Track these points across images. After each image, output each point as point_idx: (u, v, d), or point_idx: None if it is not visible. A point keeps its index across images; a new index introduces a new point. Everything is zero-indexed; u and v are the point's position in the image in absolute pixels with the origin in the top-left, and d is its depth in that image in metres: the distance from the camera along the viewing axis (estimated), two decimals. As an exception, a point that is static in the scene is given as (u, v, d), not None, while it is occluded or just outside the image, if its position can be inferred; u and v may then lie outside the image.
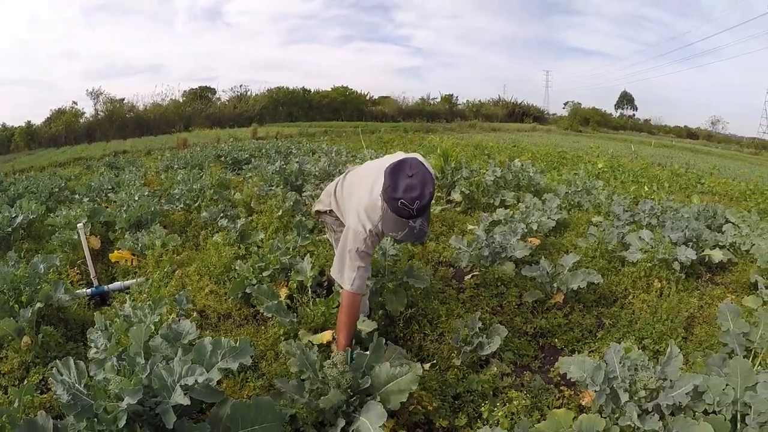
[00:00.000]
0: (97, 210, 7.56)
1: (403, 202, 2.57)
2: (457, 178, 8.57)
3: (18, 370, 3.83)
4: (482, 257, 5.10)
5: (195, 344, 2.50)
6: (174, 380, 2.23)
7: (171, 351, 2.63)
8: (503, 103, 60.13)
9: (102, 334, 2.93)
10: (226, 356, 2.38)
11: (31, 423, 2.37)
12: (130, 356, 2.48)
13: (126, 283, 5.09)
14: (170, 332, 2.75)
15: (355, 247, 2.94)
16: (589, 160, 16.21)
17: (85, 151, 30.06)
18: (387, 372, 2.73)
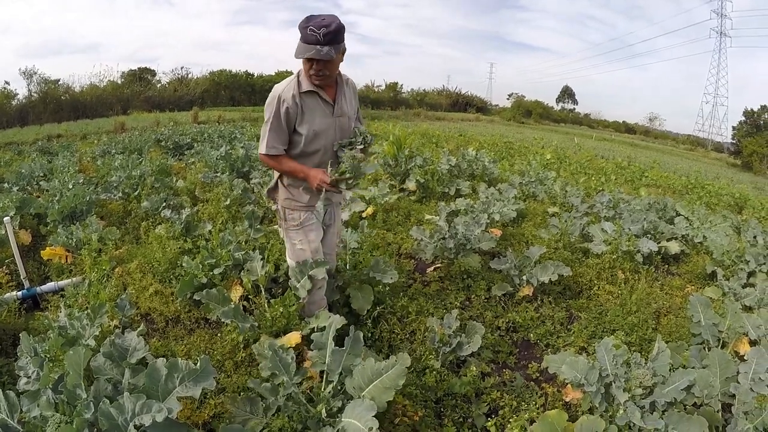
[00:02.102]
0: (28, 200, 6.93)
1: (312, 29, 2.77)
2: (411, 167, 8.36)
3: None
4: (446, 249, 4.87)
5: (145, 364, 2.12)
6: (126, 419, 1.84)
7: (117, 372, 2.23)
8: (447, 93, 60.78)
9: (32, 361, 2.45)
10: (184, 380, 2.00)
11: None
12: (69, 389, 2.05)
13: (60, 283, 4.59)
14: (114, 349, 2.33)
15: (267, 117, 3.11)
16: (536, 151, 16.40)
17: (17, 135, 28.67)
18: (372, 368, 2.45)
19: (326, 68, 2.95)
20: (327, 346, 2.66)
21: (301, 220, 3.32)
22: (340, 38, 2.88)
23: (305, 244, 3.34)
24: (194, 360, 2.05)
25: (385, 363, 2.44)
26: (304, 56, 2.87)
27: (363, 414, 2.18)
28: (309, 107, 3.08)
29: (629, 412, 2.49)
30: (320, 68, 2.94)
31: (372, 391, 2.39)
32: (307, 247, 3.34)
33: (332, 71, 3.02)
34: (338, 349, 2.65)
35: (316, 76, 2.98)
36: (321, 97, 3.11)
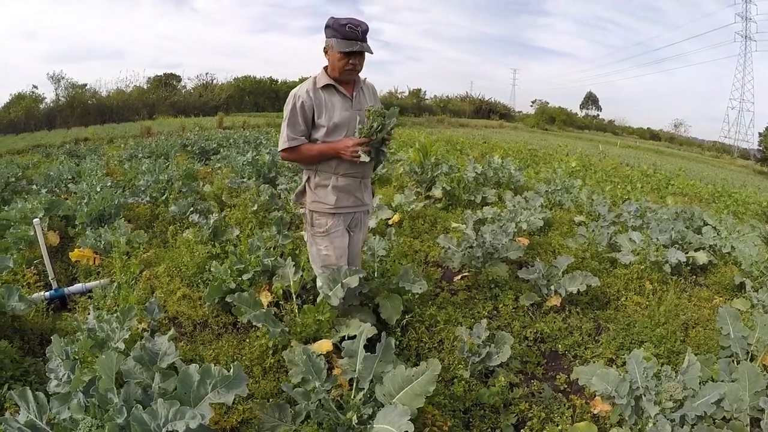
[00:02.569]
0: (56, 202, 7.03)
1: (351, 26, 2.94)
2: (437, 174, 8.33)
3: None
4: (474, 257, 4.83)
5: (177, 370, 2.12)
6: (158, 425, 1.83)
7: (147, 376, 2.22)
8: (470, 100, 60.66)
9: (63, 363, 2.45)
10: (217, 387, 1.99)
11: None
12: (101, 393, 2.04)
13: (88, 285, 4.63)
14: (145, 353, 2.32)
15: (285, 115, 3.19)
16: (561, 159, 16.25)
17: (44, 138, 29.20)
18: (402, 375, 2.44)
19: (361, 62, 3.12)
20: (358, 354, 2.65)
21: (328, 226, 3.32)
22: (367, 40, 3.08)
23: (330, 249, 3.35)
24: (225, 366, 2.04)
25: (415, 370, 2.43)
26: (351, 49, 2.99)
27: (396, 420, 2.16)
28: (328, 100, 3.18)
29: (659, 425, 2.44)
30: (356, 62, 3.08)
31: (402, 398, 2.37)
32: (332, 253, 3.35)
33: (362, 66, 3.17)
34: (370, 355, 2.63)
35: (353, 70, 3.11)
36: (339, 91, 3.19)
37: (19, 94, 45.66)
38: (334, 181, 3.25)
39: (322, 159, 3.21)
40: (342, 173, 3.25)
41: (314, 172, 3.31)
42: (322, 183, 3.28)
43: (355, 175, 3.28)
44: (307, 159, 3.24)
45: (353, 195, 3.33)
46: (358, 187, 3.35)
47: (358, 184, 3.33)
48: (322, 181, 3.28)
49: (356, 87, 3.27)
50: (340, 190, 3.26)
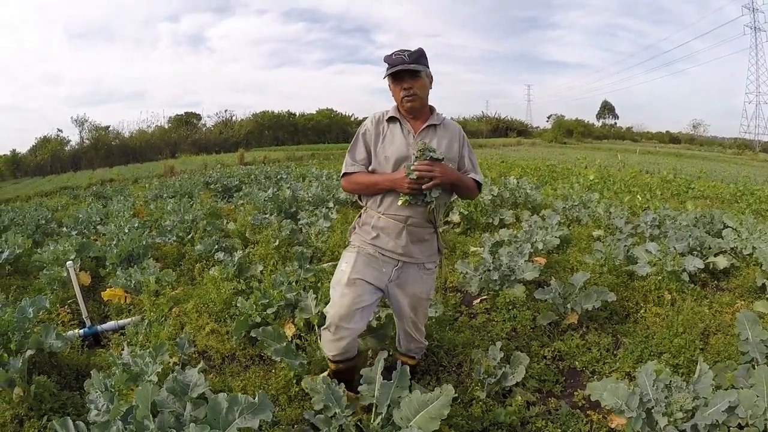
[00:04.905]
0: (86, 244, 7.30)
1: (397, 53, 2.86)
2: (454, 199, 8.44)
3: (11, 423, 3.54)
4: (491, 281, 4.95)
5: (206, 399, 2.28)
6: None
7: (179, 406, 2.39)
8: (487, 119, 61.00)
9: (102, 395, 2.64)
10: (243, 413, 2.14)
11: None
12: (138, 420, 2.22)
13: (120, 322, 4.84)
14: (176, 385, 2.50)
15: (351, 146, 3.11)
16: (579, 172, 16.24)
17: (71, 179, 29.98)
18: (418, 399, 2.55)
19: (416, 86, 2.87)
20: (376, 381, 2.78)
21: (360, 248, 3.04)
22: (425, 61, 2.91)
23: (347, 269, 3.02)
24: (252, 394, 2.20)
25: (430, 395, 2.54)
26: (393, 70, 2.84)
27: None
28: (390, 132, 2.99)
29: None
30: (409, 85, 2.86)
31: (419, 422, 2.48)
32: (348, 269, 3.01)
33: (421, 92, 2.91)
34: (386, 382, 2.76)
35: (408, 98, 2.89)
36: (403, 126, 2.98)
37: (45, 138, 47.23)
38: (376, 221, 2.99)
39: (376, 190, 2.96)
40: (383, 212, 2.96)
41: (364, 210, 3.11)
42: (367, 221, 3.05)
43: (397, 219, 2.93)
44: (363, 188, 3.03)
45: (393, 240, 2.96)
46: (400, 234, 2.94)
47: (399, 229, 2.93)
48: (367, 218, 3.06)
49: (426, 124, 2.98)
50: (380, 230, 2.97)
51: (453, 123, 3.14)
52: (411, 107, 2.93)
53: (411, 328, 3.27)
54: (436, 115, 3.05)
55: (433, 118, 3.02)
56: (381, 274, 3.01)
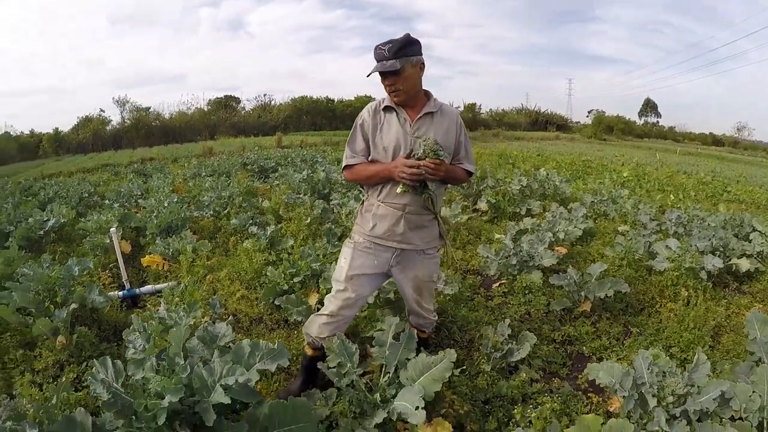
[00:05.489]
0: (128, 215, 7.71)
1: (379, 46, 2.80)
2: (483, 188, 8.63)
3: (52, 368, 3.93)
4: (510, 266, 5.12)
5: (232, 346, 2.56)
6: (214, 380, 2.29)
7: (207, 353, 2.69)
8: (526, 112, 60.06)
9: (140, 336, 2.98)
10: (264, 358, 2.43)
11: (70, 419, 2.42)
12: (170, 357, 2.53)
13: (158, 286, 5.19)
14: (206, 334, 2.81)
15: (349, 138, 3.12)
16: (614, 169, 16.11)
17: (112, 157, 30.61)
18: (423, 362, 2.80)
19: (398, 82, 2.84)
20: (386, 343, 3.07)
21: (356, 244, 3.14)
22: (409, 51, 2.80)
23: (345, 266, 3.13)
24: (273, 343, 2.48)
25: (434, 357, 2.79)
26: (371, 72, 2.84)
27: (412, 398, 2.51)
28: (387, 122, 2.99)
29: (656, 417, 2.58)
30: (391, 83, 2.84)
31: (422, 382, 2.72)
32: (344, 272, 3.11)
33: (406, 86, 2.86)
34: (395, 343, 3.04)
35: (391, 92, 2.90)
36: (399, 115, 2.96)
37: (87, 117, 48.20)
38: (375, 209, 3.04)
39: (377, 180, 3.00)
40: (382, 200, 3.02)
41: (366, 198, 3.16)
42: (368, 209, 3.10)
43: (395, 207, 2.98)
44: (364, 179, 3.06)
45: (391, 229, 3.01)
46: (398, 221, 2.99)
47: (398, 216, 2.98)
48: (368, 206, 3.10)
49: (423, 113, 2.97)
50: (379, 218, 3.03)
51: (450, 109, 3.14)
52: (398, 102, 2.95)
53: (416, 307, 3.35)
54: (433, 101, 3.02)
55: (429, 105, 2.99)
56: (380, 261, 3.11)
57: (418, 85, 2.96)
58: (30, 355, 4.13)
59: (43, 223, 7.69)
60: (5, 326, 4.52)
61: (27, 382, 3.62)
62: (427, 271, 3.21)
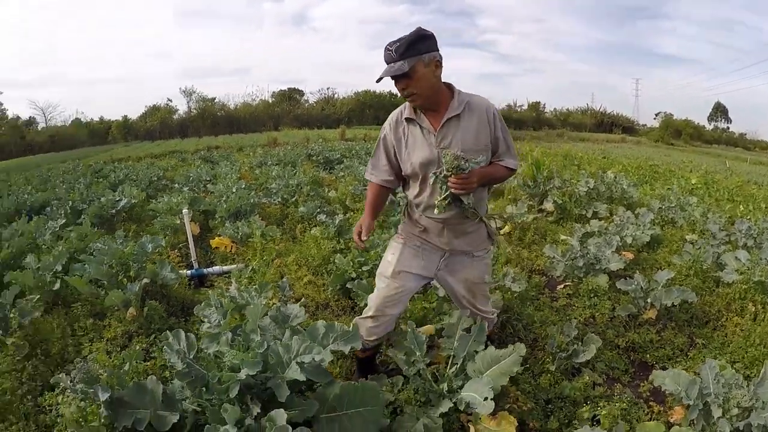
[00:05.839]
0: (197, 199, 8.00)
1: (387, 47, 2.56)
2: (549, 188, 8.53)
3: (121, 338, 4.15)
4: (576, 268, 5.07)
5: (304, 327, 2.65)
6: (290, 357, 2.37)
7: (279, 332, 2.78)
8: (591, 113, 58.78)
9: (216, 311, 3.12)
10: (337, 339, 2.52)
11: (140, 386, 2.54)
12: (246, 332, 2.62)
13: (225, 268, 5.37)
14: (279, 314, 2.91)
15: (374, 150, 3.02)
16: (682, 176, 15.61)
17: (178, 145, 31.56)
18: (491, 354, 2.82)
19: (410, 86, 2.59)
20: (455, 334, 3.07)
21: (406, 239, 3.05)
22: (420, 48, 2.52)
23: (393, 260, 3.03)
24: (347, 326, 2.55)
25: (503, 351, 2.80)
26: (379, 78, 2.62)
27: (481, 389, 2.53)
28: (411, 135, 2.78)
29: (720, 428, 2.52)
30: (403, 86, 2.61)
31: (489, 375, 2.72)
32: (393, 260, 3.02)
33: (421, 89, 2.60)
34: (465, 335, 3.03)
35: (406, 97, 2.67)
36: (421, 126, 2.74)
37: (155, 106, 50.58)
38: (418, 218, 2.96)
39: None
40: (421, 214, 2.93)
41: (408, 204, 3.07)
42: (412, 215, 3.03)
43: (435, 220, 2.87)
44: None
45: (436, 239, 2.95)
46: (441, 232, 2.91)
47: (440, 228, 2.89)
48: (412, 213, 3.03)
49: (446, 117, 2.69)
50: (424, 226, 2.94)
51: (480, 102, 2.77)
52: (416, 106, 2.73)
53: (471, 308, 3.19)
54: (457, 99, 2.72)
55: (453, 107, 2.70)
56: (428, 263, 3.00)
57: (437, 86, 2.66)
58: (100, 324, 4.37)
59: (115, 203, 8.06)
60: (77, 296, 4.79)
61: (98, 350, 3.82)
62: (477, 273, 3.10)
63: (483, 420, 2.63)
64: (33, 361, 3.79)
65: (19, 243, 6.17)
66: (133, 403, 2.49)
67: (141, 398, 2.51)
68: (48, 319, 4.42)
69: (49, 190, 11.75)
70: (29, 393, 3.43)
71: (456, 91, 2.75)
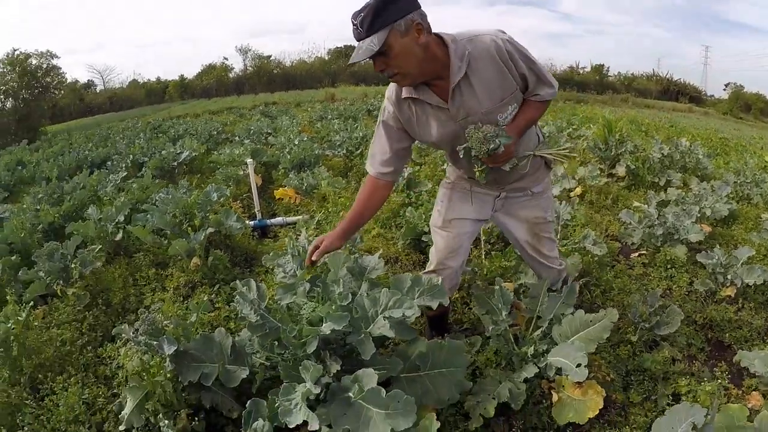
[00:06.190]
0: (259, 150, 8.01)
1: (352, 22, 2.06)
2: (621, 152, 8.17)
3: (183, 288, 4.14)
4: (654, 236, 4.84)
5: (382, 280, 2.53)
6: (377, 311, 2.21)
7: (355, 285, 2.64)
8: (657, 79, 56.49)
9: (292, 259, 2.95)
10: (423, 294, 2.33)
11: (208, 338, 2.50)
12: (326, 282, 2.51)
13: (289, 219, 5.34)
14: (356, 266, 2.76)
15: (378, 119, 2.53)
16: (754, 152, 14.90)
17: (235, 101, 32.09)
18: (581, 318, 2.60)
19: (390, 65, 2.12)
20: (541, 295, 2.85)
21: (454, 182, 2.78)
22: (387, 16, 2.00)
23: (443, 209, 2.81)
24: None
25: (594, 315, 2.59)
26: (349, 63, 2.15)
27: (573, 354, 2.29)
28: (421, 113, 2.35)
29: None
30: (381, 68, 2.15)
31: (576, 341, 2.53)
32: (443, 209, 2.80)
33: (406, 65, 2.11)
34: (555, 296, 2.82)
35: (392, 80, 2.25)
36: (429, 104, 2.30)
37: (211, 65, 52.09)
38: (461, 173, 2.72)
39: None
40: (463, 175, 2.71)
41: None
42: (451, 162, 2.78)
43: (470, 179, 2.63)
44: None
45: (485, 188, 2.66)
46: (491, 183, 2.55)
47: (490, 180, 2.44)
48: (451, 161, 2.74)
49: (454, 81, 2.16)
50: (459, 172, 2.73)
51: (484, 46, 2.15)
52: (406, 86, 2.29)
53: (535, 255, 2.88)
54: (455, 57, 2.14)
55: (454, 69, 2.15)
56: (481, 206, 2.74)
57: (424, 55, 2.10)
58: (162, 274, 4.38)
59: (176, 155, 8.15)
60: (139, 246, 4.83)
61: (161, 300, 3.82)
62: (539, 210, 2.76)
63: (567, 388, 2.49)
64: (94, 312, 3.84)
65: (81, 195, 6.31)
66: (200, 356, 2.45)
67: (208, 351, 2.46)
68: (110, 269, 4.48)
69: (109, 146, 12.04)
70: (89, 344, 3.47)
71: (450, 46, 2.14)
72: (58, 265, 4.14)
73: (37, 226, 5.55)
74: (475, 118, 2.22)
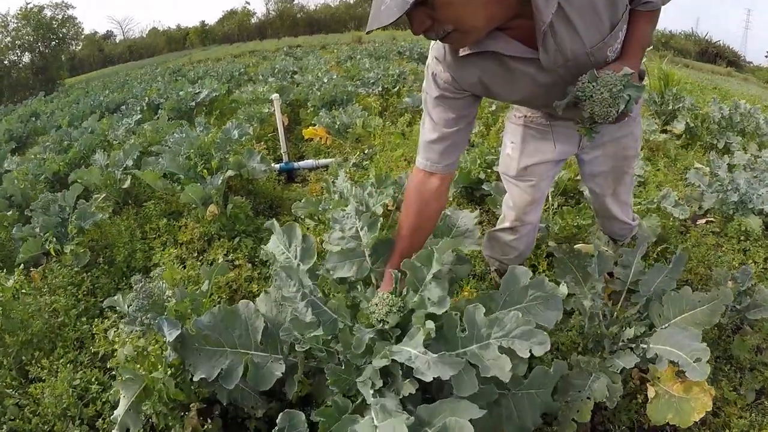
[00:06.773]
0: (285, 88, 7.51)
1: None
2: (678, 107, 7.54)
3: (198, 241, 3.61)
4: (726, 203, 4.31)
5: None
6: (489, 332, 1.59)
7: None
8: (695, 39, 54.77)
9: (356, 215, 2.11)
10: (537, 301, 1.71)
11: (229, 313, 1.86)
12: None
13: (320, 161, 4.85)
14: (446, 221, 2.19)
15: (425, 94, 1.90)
16: (803, 123, 14.16)
17: (257, 45, 32.03)
18: (687, 297, 2.05)
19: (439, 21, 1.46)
20: (633, 265, 2.33)
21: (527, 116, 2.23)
22: None
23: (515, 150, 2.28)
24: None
25: (704, 295, 2.04)
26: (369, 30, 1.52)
27: (687, 343, 1.80)
28: (492, 73, 1.69)
29: None
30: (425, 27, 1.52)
31: (679, 324, 2.01)
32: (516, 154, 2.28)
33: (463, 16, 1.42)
34: (659, 266, 2.29)
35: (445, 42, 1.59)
36: (507, 56, 1.61)
37: (232, 10, 52.91)
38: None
39: None
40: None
41: None
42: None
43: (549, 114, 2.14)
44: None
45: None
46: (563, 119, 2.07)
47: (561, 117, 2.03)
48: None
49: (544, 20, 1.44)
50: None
51: None
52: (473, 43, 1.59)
53: (612, 200, 2.43)
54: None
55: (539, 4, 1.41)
56: (564, 143, 2.19)
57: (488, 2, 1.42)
58: (174, 225, 3.83)
59: (195, 95, 7.65)
60: (150, 193, 4.31)
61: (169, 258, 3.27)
62: (632, 140, 2.23)
63: (665, 380, 1.94)
64: (94, 272, 3.34)
65: (88, 141, 5.79)
66: (217, 338, 1.82)
67: (229, 332, 1.84)
68: (115, 221, 3.96)
69: (126, 91, 11.55)
70: (86, 312, 2.98)
71: None
72: (54, 219, 3.63)
73: (39, 177, 5.15)
74: (580, 61, 1.59)
